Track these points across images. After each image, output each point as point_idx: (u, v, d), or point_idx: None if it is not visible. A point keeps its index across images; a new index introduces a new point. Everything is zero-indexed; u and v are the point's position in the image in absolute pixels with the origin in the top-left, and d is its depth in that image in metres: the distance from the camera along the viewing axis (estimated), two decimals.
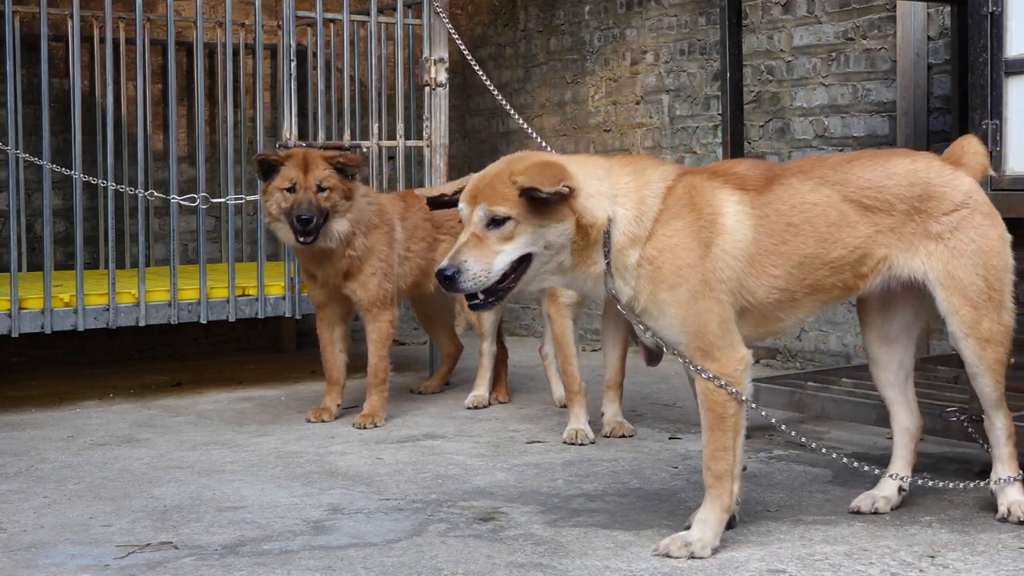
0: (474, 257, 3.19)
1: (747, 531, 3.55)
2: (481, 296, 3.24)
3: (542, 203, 3.19)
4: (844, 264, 3.50)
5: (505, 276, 3.23)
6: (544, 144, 5.48)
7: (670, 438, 4.86)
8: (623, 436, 4.87)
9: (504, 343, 5.86)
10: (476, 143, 8.81)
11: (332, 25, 7.21)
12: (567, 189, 3.18)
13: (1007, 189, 3.88)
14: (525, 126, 5.57)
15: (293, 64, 5.87)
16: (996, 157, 3.89)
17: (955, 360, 5.31)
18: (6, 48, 5.66)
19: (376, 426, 5.19)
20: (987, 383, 3.59)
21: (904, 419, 3.85)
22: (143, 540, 3.56)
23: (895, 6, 5.90)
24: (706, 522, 3.35)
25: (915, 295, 3.68)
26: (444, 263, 3.20)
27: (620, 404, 5.01)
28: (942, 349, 5.71)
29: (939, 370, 5.20)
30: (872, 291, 3.62)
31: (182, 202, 5.71)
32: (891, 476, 3.78)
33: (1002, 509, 3.60)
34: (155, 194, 5.79)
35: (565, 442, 4.81)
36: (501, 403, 5.70)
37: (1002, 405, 3.64)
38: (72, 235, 6.07)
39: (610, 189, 3.30)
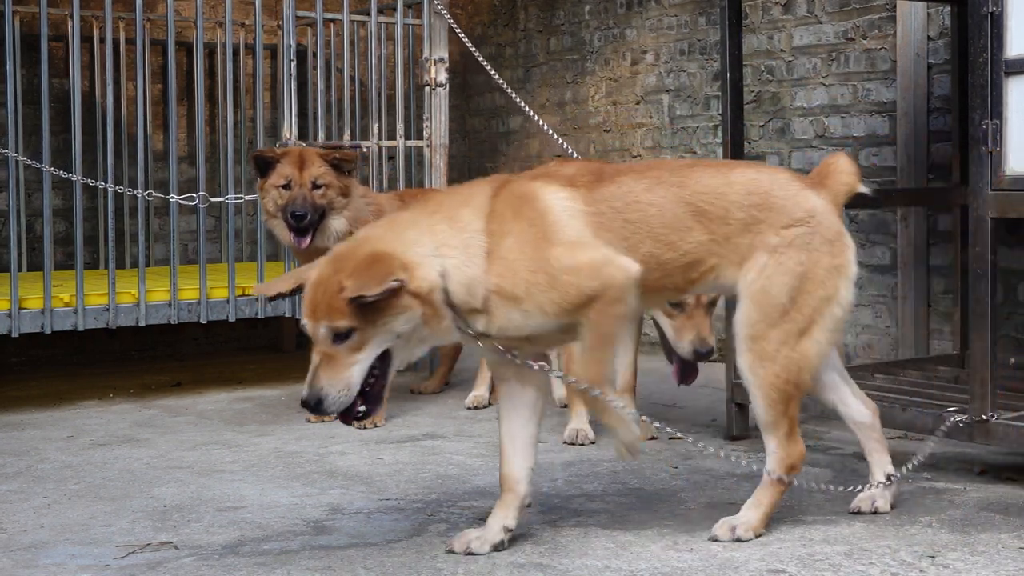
0: (329, 379, 3.10)
1: None
2: (357, 410, 3.16)
3: (380, 301, 3.07)
4: (675, 267, 3.43)
5: (370, 377, 3.16)
6: (561, 141, 5.46)
7: (670, 438, 4.85)
8: (652, 438, 4.85)
9: None
10: (476, 143, 8.81)
11: (332, 25, 7.21)
12: (397, 282, 3.07)
13: (1007, 189, 3.87)
14: (540, 122, 5.55)
15: (293, 64, 5.87)
16: (996, 157, 3.89)
17: (955, 360, 5.33)
18: (6, 48, 5.66)
19: (376, 426, 5.19)
20: (757, 404, 3.47)
21: (856, 414, 3.78)
22: (143, 540, 3.56)
23: (895, 6, 5.90)
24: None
25: None
26: (304, 392, 3.12)
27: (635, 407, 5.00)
28: (942, 349, 5.71)
29: (939, 370, 5.20)
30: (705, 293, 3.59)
31: (182, 202, 5.71)
32: (874, 485, 3.73)
33: (717, 529, 3.49)
34: (154, 194, 5.79)
35: (565, 442, 4.81)
36: None
37: (775, 433, 3.48)
38: (72, 235, 6.07)
39: (432, 246, 3.20)
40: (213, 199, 5.88)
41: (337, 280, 3.09)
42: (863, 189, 3.69)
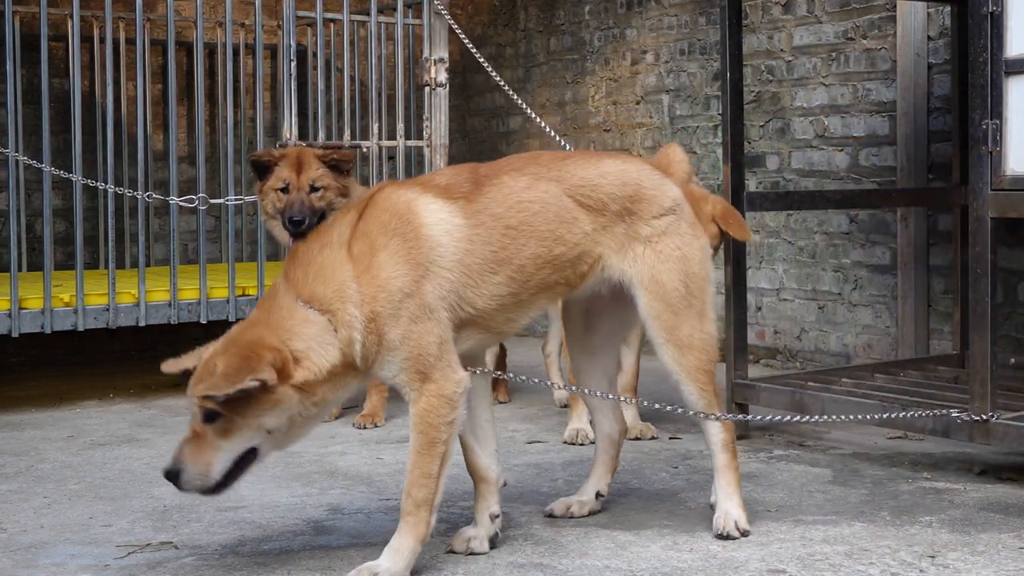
0: (191, 458, 3.03)
1: None
2: (209, 494, 3.10)
3: (249, 395, 2.99)
4: (566, 261, 3.39)
5: (230, 471, 3.09)
6: (560, 140, 5.47)
7: (670, 438, 4.86)
8: (653, 438, 4.84)
9: (503, 343, 5.86)
10: (476, 143, 8.81)
11: (332, 25, 7.21)
12: (256, 382, 2.96)
13: (1007, 189, 3.87)
14: (540, 122, 5.55)
15: (293, 64, 5.87)
16: (996, 157, 3.89)
17: (955, 360, 5.33)
18: (6, 48, 5.66)
19: (376, 426, 5.19)
20: (690, 391, 3.51)
21: (606, 426, 3.79)
22: (143, 540, 3.56)
23: (895, 6, 5.90)
24: (399, 551, 3.15)
25: (620, 305, 3.61)
26: (168, 461, 3.07)
27: (637, 407, 4.99)
28: (942, 349, 5.71)
29: (939, 370, 5.20)
30: (584, 293, 3.53)
31: (182, 203, 5.70)
32: (596, 495, 3.77)
33: (716, 522, 3.51)
34: (154, 196, 5.77)
35: (565, 442, 4.80)
36: (501, 403, 5.70)
37: (712, 412, 3.55)
38: (72, 235, 6.07)
39: (322, 326, 3.11)
40: (213, 201, 5.87)
41: (214, 363, 3.03)
42: (695, 180, 3.82)
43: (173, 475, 3.07)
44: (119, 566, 3.33)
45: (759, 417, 4.49)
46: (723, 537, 3.46)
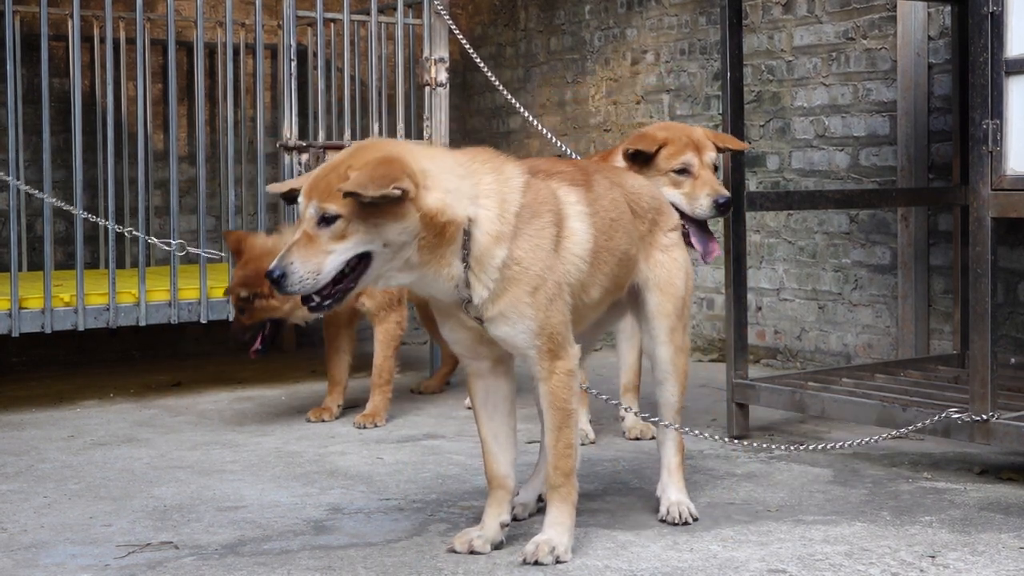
0: (301, 259, 3.02)
1: (747, 531, 3.55)
2: (316, 298, 3.08)
3: (375, 202, 3.01)
4: (629, 262, 3.60)
5: (341, 276, 3.07)
6: (557, 142, 5.46)
7: None
8: (653, 439, 4.84)
9: None
10: (476, 143, 8.78)
11: (332, 25, 7.21)
12: (398, 192, 2.98)
13: (1007, 189, 3.87)
14: (536, 123, 5.56)
15: (293, 64, 5.87)
16: (996, 157, 3.89)
17: (955, 360, 5.33)
18: (6, 48, 5.66)
19: (376, 426, 5.19)
20: (673, 391, 3.75)
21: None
22: (143, 540, 3.56)
23: (895, 6, 5.90)
24: (561, 522, 3.32)
25: (611, 311, 3.78)
26: (272, 264, 3.06)
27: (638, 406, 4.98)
28: (942, 349, 5.71)
29: (939, 370, 5.20)
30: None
31: (160, 244, 5.58)
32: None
33: (662, 509, 3.70)
34: (133, 232, 5.62)
35: None
36: None
37: (676, 420, 3.77)
38: (72, 235, 6.06)
39: (471, 189, 3.18)
40: (191, 249, 5.68)
41: (347, 165, 3.06)
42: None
43: (279, 275, 3.03)
44: (119, 566, 3.33)
45: (751, 442, 4.49)
46: (675, 523, 3.61)
